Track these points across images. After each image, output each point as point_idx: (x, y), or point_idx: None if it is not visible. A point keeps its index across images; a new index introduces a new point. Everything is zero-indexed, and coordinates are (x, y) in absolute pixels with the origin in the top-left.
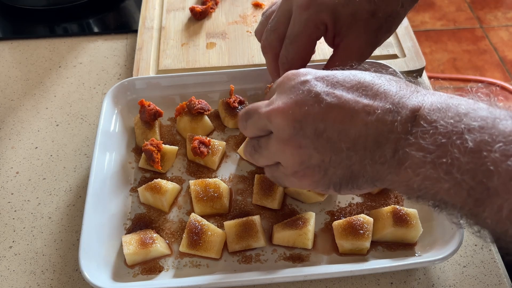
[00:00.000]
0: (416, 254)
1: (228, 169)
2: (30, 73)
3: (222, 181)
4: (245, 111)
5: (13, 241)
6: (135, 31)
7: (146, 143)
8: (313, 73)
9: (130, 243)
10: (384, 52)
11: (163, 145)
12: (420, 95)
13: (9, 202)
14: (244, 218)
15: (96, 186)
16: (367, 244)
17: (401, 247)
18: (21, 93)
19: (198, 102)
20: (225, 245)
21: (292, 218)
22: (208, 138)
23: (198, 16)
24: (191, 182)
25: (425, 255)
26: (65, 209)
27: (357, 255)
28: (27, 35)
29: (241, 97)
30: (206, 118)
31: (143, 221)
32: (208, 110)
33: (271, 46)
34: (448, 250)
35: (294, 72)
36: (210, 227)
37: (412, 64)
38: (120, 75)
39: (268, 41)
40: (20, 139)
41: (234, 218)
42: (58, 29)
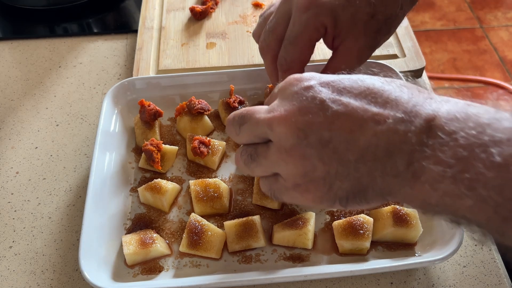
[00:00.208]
0: (416, 254)
1: (228, 169)
2: (30, 73)
3: (222, 181)
4: (239, 115)
5: (13, 241)
6: (135, 31)
7: (146, 143)
8: (318, 78)
9: (130, 243)
10: (384, 52)
11: (163, 145)
12: (434, 103)
13: (9, 202)
14: (244, 218)
15: (96, 186)
16: (367, 244)
17: (401, 247)
18: (21, 93)
19: (198, 102)
20: (225, 245)
21: (292, 218)
22: (208, 138)
23: (198, 16)
24: (191, 182)
25: (425, 255)
26: (65, 209)
27: (357, 255)
28: (27, 35)
29: (241, 97)
30: (206, 118)
31: (143, 221)
32: (208, 110)
33: (270, 48)
34: (448, 250)
35: (297, 77)
36: (210, 227)
37: (412, 64)
38: (120, 75)
39: (267, 42)
40: (20, 139)
41: (234, 218)
42: (58, 29)
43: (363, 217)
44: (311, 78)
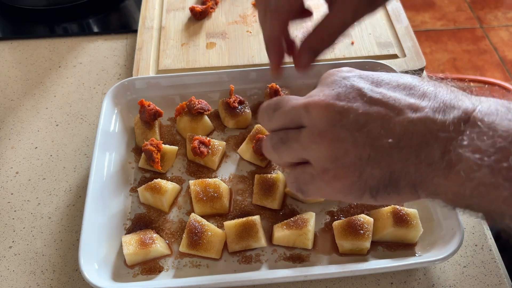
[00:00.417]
0: (416, 254)
1: (228, 169)
2: (30, 73)
3: (222, 181)
4: (275, 101)
5: (13, 241)
6: (135, 31)
7: (146, 143)
8: (357, 72)
9: (130, 243)
10: (384, 52)
11: (163, 145)
12: (474, 98)
13: (9, 202)
14: (244, 218)
15: (96, 186)
16: (367, 244)
17: (401, 247)
18: (21, 93)
19: (198, 102)
20: (225, 245)
21: (292, 218)
22: (208, 138)
23: (198, 16)
24: (191, 182)
25: (425, 255)
26: (65, 209)
27: (357, 255)
28: (27, 35)
29: (241, 97)
30: (206, 118)
31: (143, 221)
32: (208, 110)
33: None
34: (448, 250)
35: (336, 69)
36: (210, 227)
37: (412, 64)
38: (120, 75)
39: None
40: (20, 139)
41: (234, 218)
42: (58, 29)
43: (363, 217)
44: (351, 71)
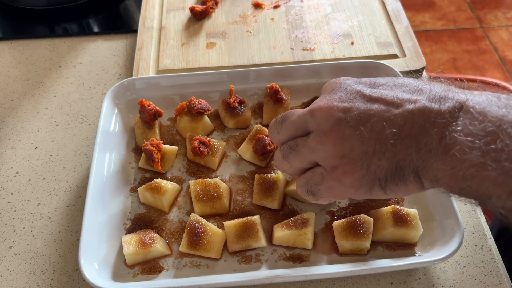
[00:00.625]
0: (416, 254)
1: (228, 169)
2: (30, 73)
3: (222, 181)
4: (281, 115)
5: (13, 241)
6: (135, 31)
7: (146, 143)
8: (355, 79)
9: (130, 243)
10: (384, 52)
11: (163, 145)
12: (467, 92)
13: (9, 202)
14: (244, 218)
15: (96, 186)
16: (367, 244)
17: (401, 247)
18: (21, 93)
19: (198, 102)
20: (225, 245)
21: (292, 218)
22: (208, 138)
23: (198, 16)
24: (191, 182)
25: (425, 255)
26: (65, 209)
27: (357, 255)
28: (27, 35)
29: (241, 97)
30: (206, 118)
31: (143, 221)
32: (208, 110)
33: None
34: (448, 250)
35: (336, 79)
36: (210, 227)
37: (412, 64)
38: (120, 75)
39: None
40: (20, 139)
41: (234, 218)
42: (58, 29)
43: (363, 217)
44: (349, 79)
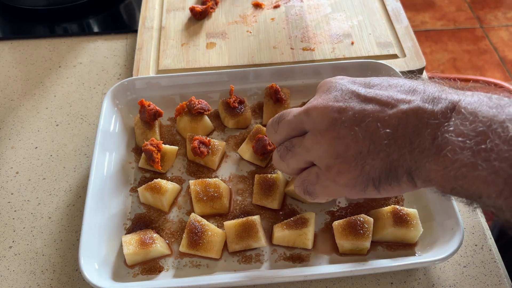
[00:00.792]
0: (416, 254)
1: (228, 169)
2: (30, 73)
3: (222, 181)
4: (277, 115)
5: (13, 241)
6: (135, 31)
7: (146, 143)
8: (349, 78)
9: (130, 243)
10: (384, 52)
11: (163, 145)
12: (460, 93)
13: (9, 202)
14: (244, 218)
15: (96, 186)
16: (367, 244)
17: (401, 247)
18: (21, 93)
19: (198, 102)
20: (225, 245)
21: (292, 218)
22: (208, 138)
23: (198, 16)
24: (191, 182)
25: (425, 255)
26: (65, 209)
27: (357, 255)
28: (27, 35)
29: (241, 97)
30: (206, 118)
31: (143, 221)
32: (208, 110)
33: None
34: (448, 250)
35: (331, 78)
36: (210, 227)
37: (412, 64)
38: (120, 75)
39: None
40: (20, 139)
41: (234, 218)
42: (58, 29)
43: (363, 217)
44: (343, 78)
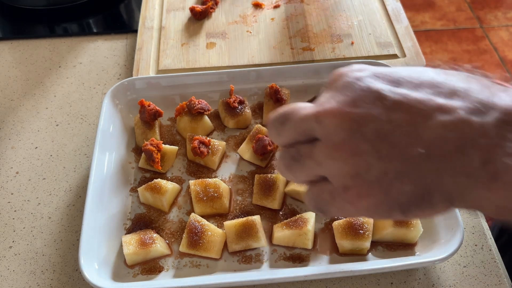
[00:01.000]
0: (416, 254)
1: (228, 169)
2: (30, 73)
3: (222, 181)
4: (281, 113)
5: (13, 241)
6: (135, 31)
7: (146, 143)
8: (371, 69)
9: (130, 243)
10: (384, 52)
11: (163, 145)
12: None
13: (9, 202)
14: (244, 218)
15: (96, 186)
16: (367, 244)
17: (401, 247)
18: (21, 93)
19: (198, 102)
20: (225, 245)
21: (292, 218)
22: (208, 138)
23: (198, 16)
24: (191, 182)
25: (425, 255)
26: (65, 209)
27: (357, 255)
28: (27, 35)
29: (241, 97)
30: (206, 118)
31: (143, 221)
32: (208, 110)
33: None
34: (448, 250)
35: (347, 69)
36: (210, 227)
37: (412, 64)
38: (120, 75)
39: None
40: (20, 139)
41: (234, 218)
42: (58, 29)
43: (363, 217)
44: (363, 69)
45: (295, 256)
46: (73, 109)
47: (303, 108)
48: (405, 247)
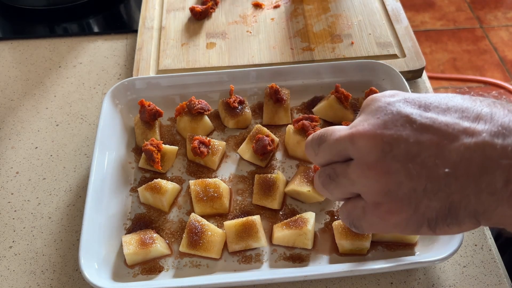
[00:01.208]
0: (416, 254)
1: (228, 169)
2: (30, 73)
3: (222, 181)
4: (318, 135)
5: (13, 241)
6: (135, 31)
7: (146, 143)
8: (402, 95)
9: (130, 243)
10: (384, 52)
11: (163, 145)
12: None
13: (9, 202)
14: (244, 218)
15: (96, 186)
16: (367, 244)
17: (401, 247)
18: (21, 93)
19: (198, 102)
20: (225, 245)
21: (292, 218)
22: (208, 138)
23: (198, 16)
24: (191, 182)
25: (425, 255)
26: (65, 209)
27: (357, 255)
28: (27, 35)
29: (241, 97)
30: (206, 118)
31: (143, 221)
32: (208, 110)
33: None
34: (448, 250)
35: (380, 94)
36: (210, 227)
37: (412, 64)
38: (120, 75)
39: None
40: (20, 139)
41: (234, 218)
42: (58, 29)
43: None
44: (395, 95)
45: (295, 256)
46: (73, 109)
47: (338, 130)
48: (405, 247)
